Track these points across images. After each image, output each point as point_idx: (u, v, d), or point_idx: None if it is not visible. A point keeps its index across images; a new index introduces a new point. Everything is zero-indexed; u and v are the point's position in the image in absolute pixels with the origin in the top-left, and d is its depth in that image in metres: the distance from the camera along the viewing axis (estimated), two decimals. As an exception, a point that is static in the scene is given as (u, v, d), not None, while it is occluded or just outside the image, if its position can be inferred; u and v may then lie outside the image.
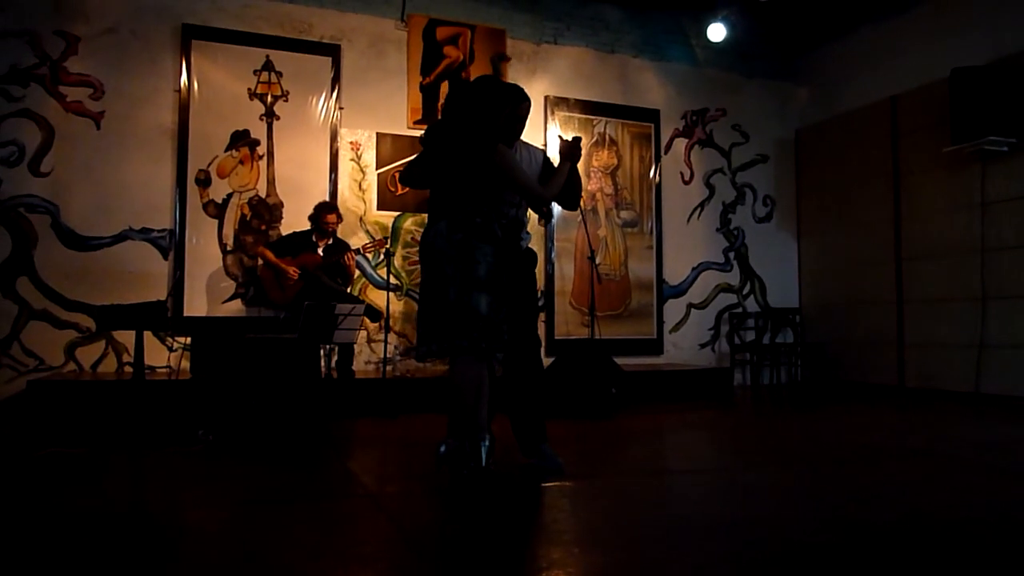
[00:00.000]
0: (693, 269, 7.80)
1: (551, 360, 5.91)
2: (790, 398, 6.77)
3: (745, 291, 8.00)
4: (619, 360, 5.82)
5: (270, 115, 6.24)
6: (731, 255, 7.98)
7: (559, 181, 3.31)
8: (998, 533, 2.40)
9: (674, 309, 7.67)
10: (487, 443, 3.07)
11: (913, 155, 6.88)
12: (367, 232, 6.45)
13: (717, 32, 7.41)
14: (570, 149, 3.37)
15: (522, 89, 3.27)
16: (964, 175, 6.35)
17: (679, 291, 7.72)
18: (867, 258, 7.32)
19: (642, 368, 6.72)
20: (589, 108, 7.37)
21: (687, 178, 7.83)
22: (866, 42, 7.48)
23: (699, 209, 7.86)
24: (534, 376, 3.33)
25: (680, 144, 7.83)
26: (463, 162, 3.11)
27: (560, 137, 3.50)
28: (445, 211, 3.14)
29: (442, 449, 3.16)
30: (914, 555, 2.15)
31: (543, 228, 6.99)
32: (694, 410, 5.74)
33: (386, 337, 5.90)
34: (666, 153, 7.73)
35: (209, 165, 6.04)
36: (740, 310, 7.91)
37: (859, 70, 7.53)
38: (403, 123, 6.67)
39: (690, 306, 7.74)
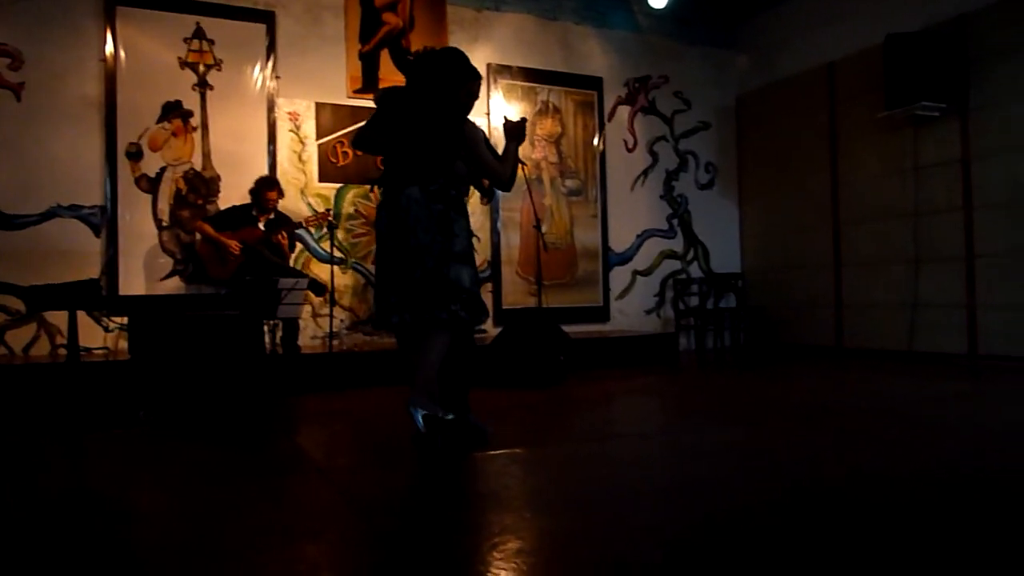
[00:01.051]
0: (638, 236, 7.88)
1: (499, 330, 5.93)
2: (734, 361, 6.94)
3: (689, 257, 8.13)
4: (566, 328, 5.86)
5: (203, 85, 6.04)
6: (675, 222, 8.08)
7: (511, 162, 3.34)
8: (942, 486, 2.51)
9: (620, 276, 7.76)
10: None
11: (849, 120, 7.04)
12: (309, 205, 6.34)
13: (658, -2, 7.43)
14: (516, 129, 3.38)
15: (477, 69, 3.28)
16: (898, 140, 6.52)
17: (624, 258, 7.80)
18: (806, 223, 7.50)
19: (589, 335, 6.79)
20: (532, 76, 7.33)
21: (631, 146, 7.88)
22: (804, 8, 7.58)
23: (643, 177, 7.93)
24: (466, 349, 3.34)
25: (623, 112, 7.86)
26: (429, 132, 3.07)
27: (505, 118, 3.52)
28: (411, 178, 3.06)
29: (424, 423, 2.99)
30: (861, 511, 2.23)
31: (486, 205, 6.96)
32: (641, 375, 5.84)
33: (331, 311, 5.83)
34: (609, 121, 7.76)
35: (140, 138, 5.84)
36: (684, 276, 8.04)
37: (797, 36, 7.64)
38: (343, 92, 6.55)
39: (635, 273, 7.84)
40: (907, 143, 6.44)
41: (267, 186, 5.56)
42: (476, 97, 3.27)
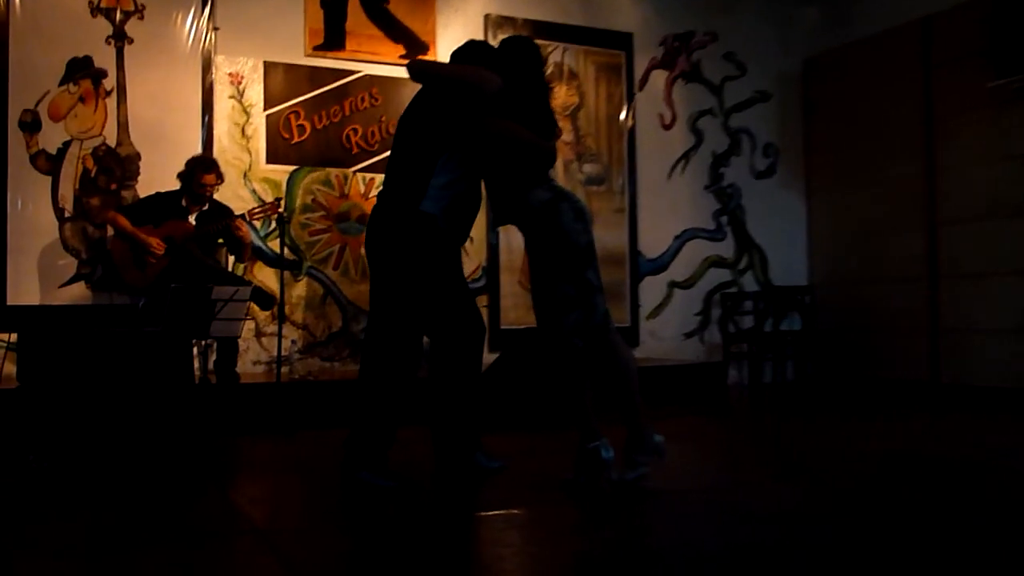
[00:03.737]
0: (676, 238, 7.86)
1: (495, 356, 5.91)
2: (798, 400, 6.90)
3: (741, 265, 8.11)
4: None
5: (120, 37, 6.05)
6: (724, 220, 8.06)
7: None
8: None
9: (652, 289, 7.73)
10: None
11: (950, 92, 7.00)
12: (253, 193, 6.33)
13: (705, -66, 7.45)
14: None
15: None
16: (1012, 117, 6.49)
17: (658, 266, 7.77)
18: (893, 222, 7.46)
19: (612, 365, 6.75)
20: (542, 31, 7.32)
21: (668, 121, 7.87)
22: (891, -52, 7.60)
23: (683, 161, 7.91)
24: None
25: (659, 78, 7.85)
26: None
27: None
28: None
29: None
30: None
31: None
32: (678, 416, 5.79)
33: (280, 329, 5.81)
34: (641, 89, 7.75)
35: (38, 104, 5.84)
36: (735, 290, 8.02)
37: (883, -17, 7.65)
38: (299, 49, 6.55)
39: (672, 285, 7.81)
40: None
41: (203, 168, 5.55)
42: None
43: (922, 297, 7.19)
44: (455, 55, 3.93)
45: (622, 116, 7.67)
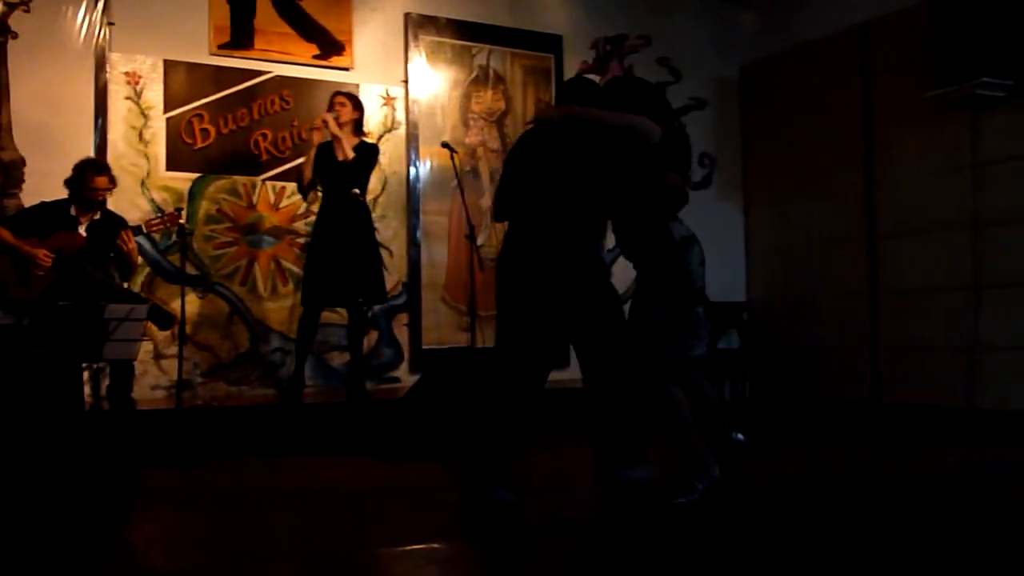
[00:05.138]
0: (608, 252, 7.90)
1: (416, 378, 5.90)
2: (736, 421, 6.99)
3: (677, 281, 8.19)
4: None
5: (3, 32, 5.93)
6: (658, 233, 8.14)
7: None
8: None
9: (584, 306, 7.77)
10: None
11: (889, 101, 7.16)
12: (152, 202, 6.25)
13: (637, -68, 7.57)
14: None
15: None
16: (952, 128, 6.67)
17: (590, 282, 7.82)
18: (833, 237, 7.58)
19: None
20: (466, 32, 7.37)
21: (600, 129, 7.94)
22: (830, -50, 7.78)
23: (616, 171, 7.99)
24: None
25: (590, 83, 7.93)
26: None
27: None
28: None
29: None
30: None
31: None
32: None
33: (181, 351, 5.73)
34: (571, 95, 7.81)
35: (-90, 104, 5.72)
36: (671, 306, 8.09)
37: (822, -14, 7.82)
38: (203, 47, 6.50)
39: (605, 302, 7.86)
40: (964, 131, 6.60)
41: (93, 169, 5.46)
42: None
43: (863, 314, 7.33)
44: (568, 88, 4.23)
45: (551, 123, 7.72)
